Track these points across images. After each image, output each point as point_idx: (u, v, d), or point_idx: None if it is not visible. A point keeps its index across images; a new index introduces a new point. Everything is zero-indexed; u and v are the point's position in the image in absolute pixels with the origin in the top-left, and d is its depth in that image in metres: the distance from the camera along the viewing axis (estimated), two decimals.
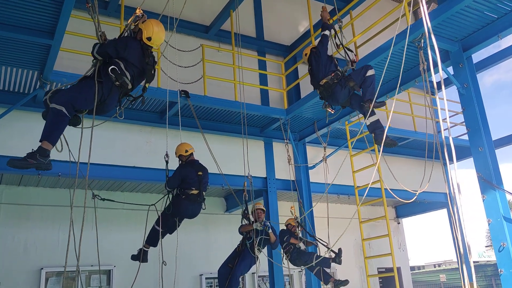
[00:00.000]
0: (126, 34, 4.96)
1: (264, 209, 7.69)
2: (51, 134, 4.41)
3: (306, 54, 6.73)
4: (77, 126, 4.64)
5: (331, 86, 6.22)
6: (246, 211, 7.37)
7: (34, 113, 7.47)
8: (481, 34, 6.65)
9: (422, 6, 2.72)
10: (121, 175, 8.35)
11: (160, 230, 6.43)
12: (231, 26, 9.56)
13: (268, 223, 7.08)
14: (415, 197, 5.53)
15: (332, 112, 6.74)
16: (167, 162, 6.55)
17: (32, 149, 4.37)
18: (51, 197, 9.16)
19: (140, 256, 6.79)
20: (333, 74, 6.22)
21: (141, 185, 9.68)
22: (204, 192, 6.62)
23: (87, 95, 4.53)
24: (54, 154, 7.43)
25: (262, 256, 7.93)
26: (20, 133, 7.37)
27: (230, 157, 9.16)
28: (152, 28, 4.85)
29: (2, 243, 8.52)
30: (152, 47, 4.95)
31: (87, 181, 4.94)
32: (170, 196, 6.60)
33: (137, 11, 4.96)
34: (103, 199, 6.25)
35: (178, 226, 6.79)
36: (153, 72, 4.96)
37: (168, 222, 6.61)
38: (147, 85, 4.94)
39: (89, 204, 6.24)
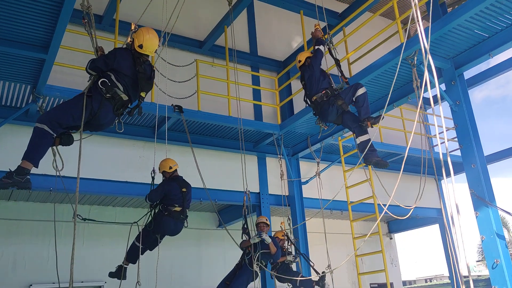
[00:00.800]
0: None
1: (268, 222, 7.63)
2: (31, 153, 4.36)
3: (300, 61, 6.64)
4: (70, 145, 4.60)
5: (321, 104, 6.18)
6: (245, 226, 7.30)
7: (26, 127, 7.40)
8: (473, 52, 6.75)
9: (419, 24, 2.74)
10: (113, 190, 8.27)
11: (141, 246, 6.36)
12: (225, 42, 9.62)
13: (264, 235, 6.91)
14: (409, 213, 5.51)
15: (325, 128, 6.74)
16: (153, 178, 6.49)
17: (9, 169, 4.29)
18: (42, 212, 9.03)
19: (120, 274, 6.67)
20: (323, 92, 6.15)
21: (133, 200, 9.60)
22: (187, 209, 6.56)
23: (73, 111, 4.46)
24: (45, 169, 7.38)
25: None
26: (12, 148, 7.29)
27: (224, 172, 9.14)
28: (143, 35, 4.81)
29: None
30: (146, 55, 4.88)
31: (77, 196, 4.86)
32: (153, 212, 6.51)
33: (132, 26, 4.98)
34: (84, 219, 6.07)
35: (159, 243, 6.69)
36: (150, 81, 4.86)
37: (149, 239, 6.52)
38: (143, 94, 4.82)
39: (78, 219, 6.18)
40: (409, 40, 6.51)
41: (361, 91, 5.95)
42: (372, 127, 5.82)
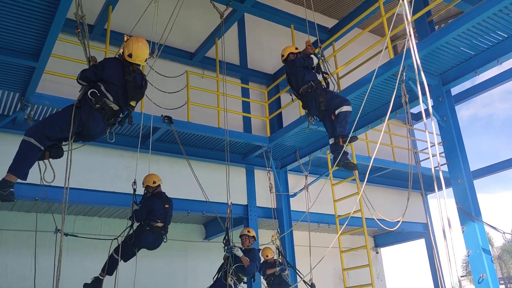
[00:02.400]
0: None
1: (250, 234, 7.59)
2: (17, 166, 4.32)
3: (282, 56, 6.91)
4: (61, 158, 4.57)
5: (305, 96, 6.39)
6: (227, 238, 7.26)
7: (13, 136, 7.32)
8: (460, 70, 6.88)
9: (411, 41, 2.80)
10: (100, 200, 8.19)
11: (119, 259, 6.33)
12: (216, 54, 9.66)
13: (236, 249, 6.84)
14: (397, 226, 5.54)
15: (313, 122, 6.82)
16: (134, 190, 6.46)
17: None
18: (26, 222, 8.88)
19: (96, 285, 6.60)
20: (309, 84, 6.35)
21: (119, 211, 9.49)
22: (168, 225, 6.57)
23: (61, 122, 4.43)
24: (31, 178, 7.29)
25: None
26: None
27: (212, 183, 9.09)
28: (132, 44, 4.80)
29: None
30: (137, 64, 4.85)
31: (65, 206, 4.81)
32: (134, 225, 6.50)
33: (125, 38, 4.99)
34: (66, 235, 5.97)
35: (135, 255, 6.66)
36: (140, 90, 4.84)
37: (127, 251, 6.52)
38: (133, 103, 4.78)
39: (66, 227, 6.09)
40: (398, 56, 6.61)
41: (345, 108, 6.05)
42: (343, 145, 5.89)
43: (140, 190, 6.75)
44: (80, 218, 9.46)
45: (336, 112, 6.05)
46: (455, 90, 10.11)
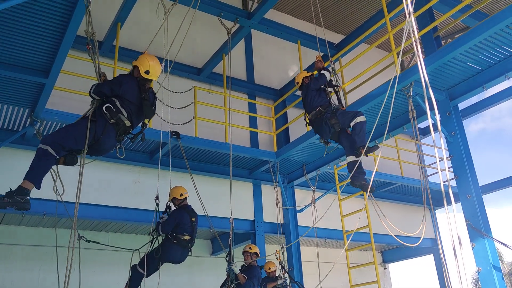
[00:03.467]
0: None
1: (250, 251, 7.55)
2: (33, 174, 4.34)
3: (297, 83, 6.78)
4: (75, 165, 4.60)
5: (315, 121, 6.30)
6: (228, 256, 7.21)
7: (23, 151, 7.41)
8: (467, 85, 6.89)
9: (419, 57, 2.81)
10: (107, 215, 8.20)
11: (145, 273, 6.24)
12: (223, 69, 9.73)
13: (233, 266, 6.75)
14: (419, 242, 5.49)
15: (328, 145, 6.75)
16: (157, 204, 6.44)
17: (10, 188, 4.28)
18: (34, 237, 8.90)
19: None
20: (317, 109, 6.24)
21: (126, 226, 9.49)
22: (194, 238, 6.54)
23: (76, 134, 4.49)
24: (39, 193, 7.32)
25: None
26: (8, 171, 7.25)
27: (220, 198, 9.09)
28: (148, 62, 4.88)
29: None
30: (150, 80, 4.92)
31: (75, 221, 4.84)
32: (160, 238, 6.44)
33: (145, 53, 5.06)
34: (89, 241, 6.04)
35: (158, 270, 6.58)
36: (153, 107, 4.92)
37: (151, 266, 6.40)
38: (146, 121, 4.88)
39: (72, 244, 6.10)
40: (405, 72, 6.63)
41: (359, 119, 5.98)
42: (366, 155, 5.84)
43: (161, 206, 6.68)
44: (87, 233, 9.44)
45: (352, 124, 5.99)
46: (462, 105, 10.09)
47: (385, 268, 14.43)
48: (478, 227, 6.17)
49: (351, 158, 5.96)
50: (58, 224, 8.50)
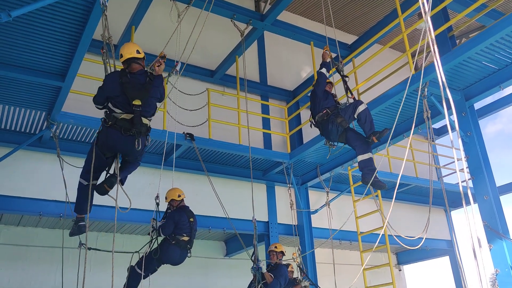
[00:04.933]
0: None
1: (276, 250, 7.55)
2: (76, 206, 5.09)
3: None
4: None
5: (322, 123, 6.29)
6: (253, 255, 7.21)
7: (40, 153, 7.52)
8: (483, 84, 6.82)
9: (435, 56, 2.79)
10: (123, 217, 8.21)
11: (142, 273, 6.27)
12: (236, 71, 9.75)
13: (259, 265, 6.84)
14: (421, 243, 5.45)
15: (333, 148, 6.75)
16: (157, 204, 6.49)
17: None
18: (50, 238, 9.01)
19: None
20: (324, 111, 6.26)
21: (141, 227, 9.56)
22: (193, 239, 6.55)
23: (90, 153, 4.75)
24: (55, 195, 7.41)
25: None
26: (25, 173, 7.37)
27: (233, 200, 9.11)
28: (120, 50, 4.78)
29: None
30: (133, 63, 4.69)
31: (87, 223, 4.95)
32: (159, 239, 6.46)
33: (161, 53, 5.00)
34: (90, 249, 6.02)
35: (155, 271, 6.65)
36: (144, 87, 4.59)
37: (151, 266, 6.47)
38: (135, 102, 4.52)
39: (89, 243, 6.16)
40: (419, 72, 6.57)
41: (361, 107, 5.96)
42: (378, 141, 5.81)
43: (161, 206, 6.76)
44: (102, 235, 9.55)
45: (355, 115, 5.99)
46: (478, 105, 9.97)
47: (400, 270, 14.30)
48: (496, 228, 6.10)
49: (362, 157, 5.96)
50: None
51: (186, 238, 6.41)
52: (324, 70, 6.51)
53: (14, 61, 5.57)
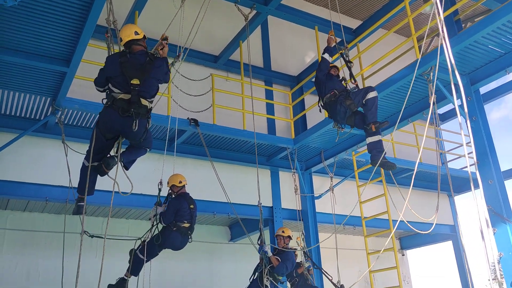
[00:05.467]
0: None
1: (283, 234, 7.59)
2: (79, 187, 5.08)
3: None
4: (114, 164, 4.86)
5: (330, 104, 6.30)
6: (261, 239, 7.27)
7: (45, 139, 7.55)
8: (489, 68, 6.78)
9: (444, 39, 2.78)
10: (127, 203, 8.31)
11: (144, 259, 6.37)
12: (240, 56, 9.71)
13: (266, 249, 6.93)
14: (431, 228, 5.47)
15: (342, 131, 6.76)
16: (160, 189, 6.53)
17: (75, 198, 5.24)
18: (56, 224, 9.09)
19: (122, 286, 6.66)
20: (332, 93, 6.26)
21: (146, 213, 9.62)
22: (193, 226, 6.61)
23: (92, 136, 4.76)
24: (61, 181, 7.44)
25: None
26: (30, 159, 7.41)
27: (237, 185, 9.15)
28: (120, 34, 4.79)
29: (6, 270, 8.40)
30: (133, 45, 4.69)
31: (84, 209, 5.03)
32: (160, 226, 6.53)
33: (163, 35, 4.98)
34: (92, 236, 6.06)
35: (157, 255, 6.72)
36: (143, 67, 4.57)
37: (152, 252, 6.54)
38: (133, 81, 4.47)
39: (94, 231, 6.25)
40: (426, 56, 6.54)
41: (371, 94, 5.96)
42: (376, 131, 5.85)
43: (164, 192, 6.79)
44: (108, 220, 9.61)
45: (364, 100, 5.99)
46: (483, 90, 9.93)
47: (403, 255, 14.40)
48: (500, 213, 6.12)
49: (372, 139, 5.97)
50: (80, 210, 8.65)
51: (186, 225, 6.48)
52: (326, 56, 6.50)
53: (19, 47, 5.58)
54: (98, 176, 4.95)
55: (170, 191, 6.80)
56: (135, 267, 6.58)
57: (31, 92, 6.63)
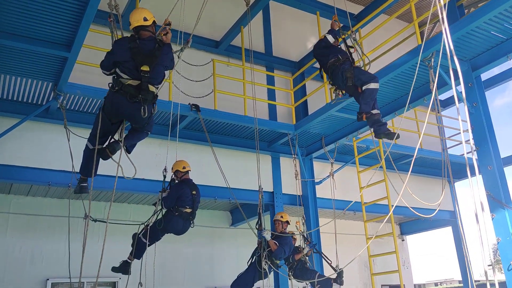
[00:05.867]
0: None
1: (281, 219, 7.67)
2: (81, 168, 5.17)
3: None
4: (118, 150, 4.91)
5: (333, 69, 6.45)
6: (259, 223, 7.34)
7: (47, 124, 7.59)
8: (490, 55, 6.77)
9: (443, 25, 2.79)
10: (129, 187, 8.36)
11: (147, 243, 6.45)
12: (241, 42, 9.69)
13: (265, 233, 7.01)
14: (434, 213, 5.53)
15: (340, 97, 6.86)
16: (164, 176, 6.59)
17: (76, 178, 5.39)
18: (59, 208, 9.18)
19: (124, 269, 6.79)
20: (335, 58, 6.43)
21: (148, 197, 9.71)
22: (196, 211, 6.71)
23: (96, 119, 4.79)
24: (64, 166, 7.50)
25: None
26: (33, 144, 7.46)
27: (237, 171, 9.21)
28: (129, 18, 4.79)
29: (10, 253, 8.53)
30: (142, 30, 4.72)
31: (91, 189, 5.07)
32: (163, 211, 6.63)
33: (166, 21, 5.01)
34: (95, 220, 6.11)
35: (159, 239, 6.85)
36: (152, 54, 4.58)
37: (155, 236, 6.68)
38: (143, 68, 4.50)
39: (96, 215, 6.33)
40: (428, 41, 6.52)
41: (373, 85, 6.01)
42: (364, 120, 5.98)
43: (168, 178, 6.86)
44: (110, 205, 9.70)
45: (363, 88, 6.03)
46: (486, 76, 9.92)
47: (403, 240, 14.53)
48: (499, 198, 6.17)
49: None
50: (83, 195, 8.74)
51: (188, 210, 6.59)
52: (329, 36, 6.57)
53: (20, 32, 5.58)
54: (101, 160, 5.00)
55: (173, 176, 6.87)
56: (138, 251, 6.70)
57: (33, 77, 6.65)
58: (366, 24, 9.24)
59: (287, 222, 7.74)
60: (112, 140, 4.92)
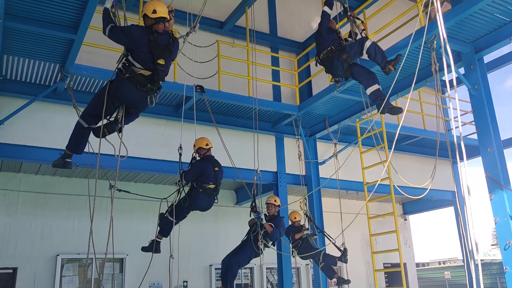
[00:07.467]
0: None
1: (275, 203, 7.82)
2: (69, 143, 5.20)
3: None
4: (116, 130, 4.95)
5: (327, 60, 6.41)
6: (254, 204, 7.50)
7: (55, 105, 7.74)
8: (493, 37, 6.77)
9: (438, 12, 2.86)
10: (136, 166, 8.54)
11: (174, 221, 6.60)
12: (246, 22, 9.71)
13: (261, 215, 7.16)
14: (425, 193, 5.66)
15: (339, 84, 6.89)
16: (180, 154, 6.69)
17: (60, 153, 5.41)
18: (67, 187, 9.42)
19: (153, 247, 6.91)
20: (328, 49, 6.36)
21: (154, 177, 9.91)
22: (219, 187, 6.81)
23: (98, 99, 4.87)
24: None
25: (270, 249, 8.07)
26: (41, 124, 7.62)
27: (242, 151, 9.32)
28: (152, 4, 4.77)
29: (21, 230, 8.80)
30: (161, 22, 4.75)
31: (97, 172, 5.15)
32: (186, 189, 6.75)
33: (168, 7, 5.04)
34: (120, 190, 6.32)
35: (185, 217, 6.94)
36: (168, 48, 4.76)
37: (182, 214, 6.77)
38: (160, 61, 4.69)
39: (104, 193, 6.48)
40: (430, 24, 6.54)
41: (368, 43, 6.03)
42: (394, 69, 5.87)
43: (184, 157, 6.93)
44: (117, 183, 9.89)
45: (365, 51, 6.06)
46: (490, 57, 9.87)
47: (405, 220, 14.72)
48: (498, 179, 6.28)
49: (371, 89, 6.05)
50: (90, 174, 8.94)
51: (212, 186, 6.68)
52: (326, 8, 6.57)
53: (27, 14, 5.67)
54: (103, 140, 5.06)
55: (195, 154, 6.96)
56: (165, 229, 6.79)
57: (40, 59, 6.76)
58: (371, 5, 9.23)
59: (279, 205, 7.91)
60: (112, 119, 5.00)
